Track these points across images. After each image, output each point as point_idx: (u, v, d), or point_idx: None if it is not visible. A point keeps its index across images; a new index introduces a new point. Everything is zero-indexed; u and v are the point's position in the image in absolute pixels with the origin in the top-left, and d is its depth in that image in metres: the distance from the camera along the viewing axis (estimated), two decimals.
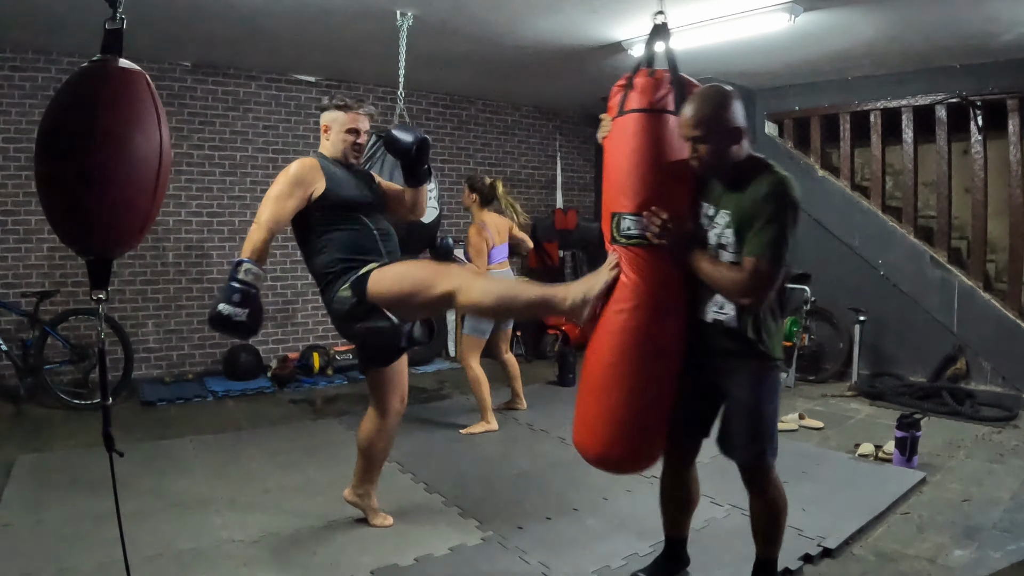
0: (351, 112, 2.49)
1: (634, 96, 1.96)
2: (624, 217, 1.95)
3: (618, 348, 1.97)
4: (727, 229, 1.91)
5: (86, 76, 1.51)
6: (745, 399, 1.99)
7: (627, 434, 2.00)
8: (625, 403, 1.98)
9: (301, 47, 4.64)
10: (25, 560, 2.37)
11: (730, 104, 1.89)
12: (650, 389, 1.98)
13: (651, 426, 2.02)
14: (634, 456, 2.07)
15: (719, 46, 4.28)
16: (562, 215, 6.99)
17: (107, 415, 1.66)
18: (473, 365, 4.03)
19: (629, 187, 1.95)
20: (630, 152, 1.95)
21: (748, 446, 2.00)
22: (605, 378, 2.00)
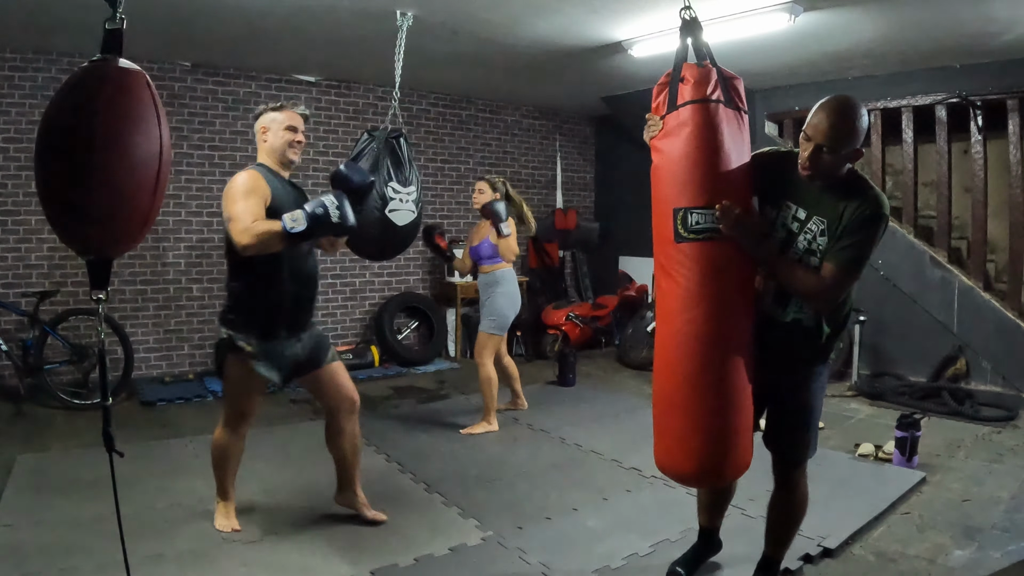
0: (286, 111, 2.52)
1: (687, 89, 1.88)
2: (692, 212, 1.85)
3: (696, 357, 1.88)
4: (821, 236, 1.90)
5: (86, 76, 1.51)
6: (802, 396, 2.03)
7: (723, 444, 1.90)
8: (716, 412, 1.89)
9: (301, 47, 4.64)
10: (25, 560, 2.37)
11: (862, 120, 1.85)
12: (734, 392, 1.90)
13: (742, 429, 1.93)
14: (733, 465, 1.95)
15: (719, 46, 4.21)
16: (562, 215, 6.99)
17: (107, 415, 1.66)
18: (487, 364, 4.02)
19: (694, 180, 1.86)
20: (694, 144, 1.86)
21: (797, 442, 2.04)
22: (687, 391, 1.90)
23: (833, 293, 1.89)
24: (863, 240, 1.84)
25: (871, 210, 1.84)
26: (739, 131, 1.92)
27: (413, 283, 6.28)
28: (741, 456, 1.94)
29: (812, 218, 1.91)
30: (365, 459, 3.54)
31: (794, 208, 1.95)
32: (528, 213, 4.22)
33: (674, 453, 1.96)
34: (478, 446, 3.80)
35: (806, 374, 2.02)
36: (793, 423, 2.03)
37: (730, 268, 1.89)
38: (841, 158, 1.85)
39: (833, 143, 1.82)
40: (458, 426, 4.08)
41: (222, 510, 2.68)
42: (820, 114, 1.86)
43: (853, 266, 1.86)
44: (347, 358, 5.50)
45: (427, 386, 5.27)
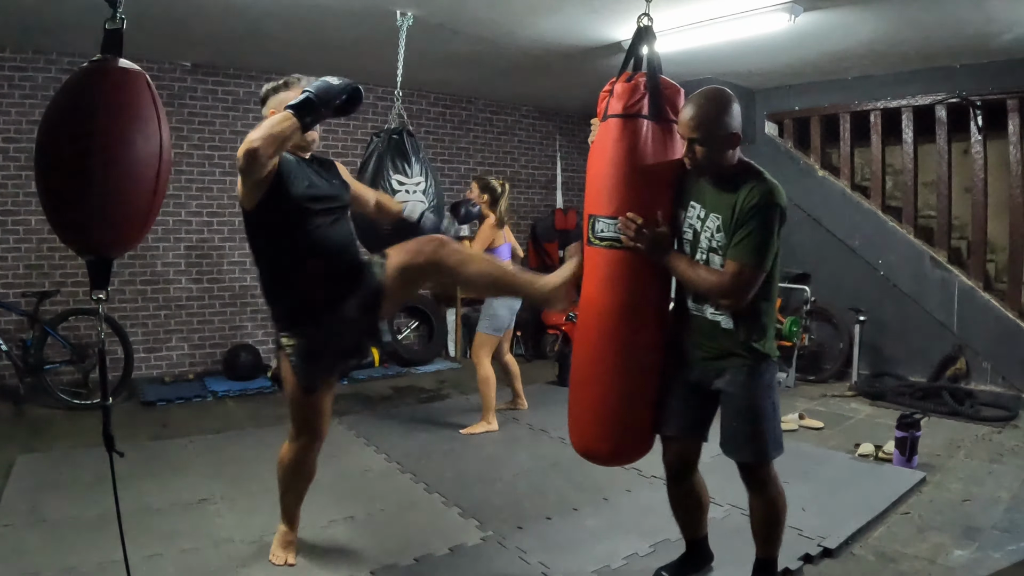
0: (289, 89, 2.28)
1: (613, 101, 2.00)
2: (599, 219, 2.01)
3: (594, 347, 2.06)
4: (718, 233, 1.94)
5: (86, 76, 1.51)
6: (741, 397, 2.00)
7: (608, 429, 2.09)
8: (603, 399, 2.07)
9: (301, 47, 4.63)
10: (25, 560, 2.37)
11: (730, 108, 1.91)
12: (626, 386, 2.05)
13: (631, 421, 2.09)
14: (617, 449, 2.15)
15: (719, 46, 4.27)
16: (562, 215, 6.99)
17: (107, 415, 1.66)
18: (485, 364, 4.03)
19: (604, 191, 2.00)
20: (606, 157, 2.01)
21: (747, 444, 2.01)
22: (585, 377, 2.10)
23: (736, 288, 1.88)
24: (755, 229, 1.86)
25: (758, 198, 1.87)
26: (663, 145, 1.99)
27: None
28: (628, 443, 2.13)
29: (710, 216, 1.96)
30: (365, 459, 3.56)
31: (697, 208, 2.00)
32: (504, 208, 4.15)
33: (571, 428, 2.20)
34: (478, 446, 3.80)
35: (742, 373, 1.99)
36: (739, 425, 2.01)
37: (633, 274, 2.00)
38: (715, 147, 1.89)
39: (700, 133, 1.87)
40: (458, 426, 4.08)
41: (283, 538, 2.44)
42: (684, 110, 1.92)
43: (750, 258, 1.86)
44: None
45: (427, 386, 5.27)
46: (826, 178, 5.50)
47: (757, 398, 1.99)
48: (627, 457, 2.21)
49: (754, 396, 1.99)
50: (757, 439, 2.00)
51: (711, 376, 2.04)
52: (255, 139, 1.85)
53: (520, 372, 4.47)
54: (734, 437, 2.03)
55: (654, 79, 1.98)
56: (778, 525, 2.11)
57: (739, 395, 2.00)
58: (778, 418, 2.06)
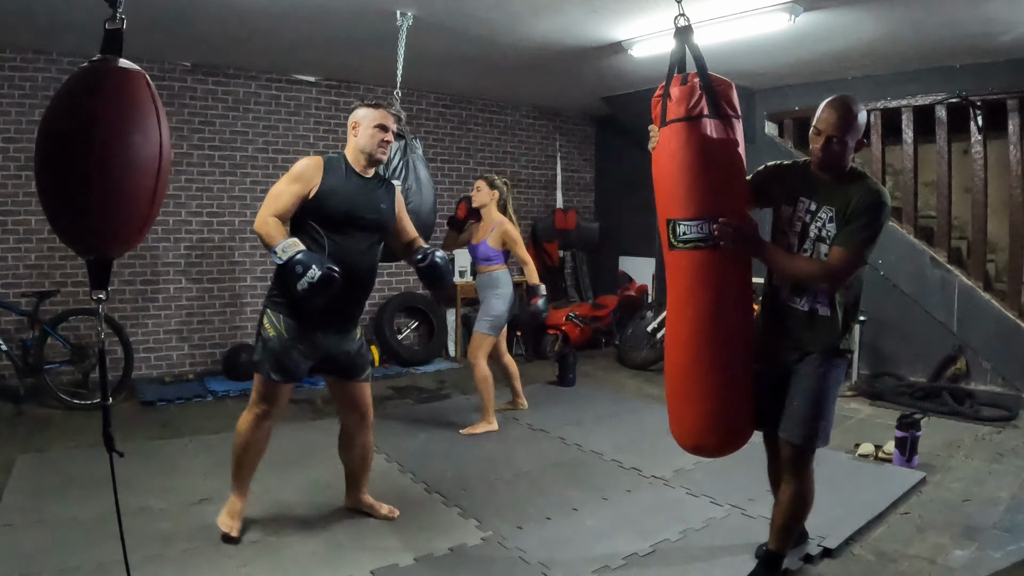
0: (381, 109, 2.53)
1: (672, 106, 2.05)
2: (679, 223, 2.06)
3: (689, 347, 2.14)
4: (830, 223, 2.07)
5: (86, 76, 1.51)
6: (811, 379, 2.11)
7: (713, 423, 2.16)
8: (705, 396, 2.14)
9: (301, 47, 4.64)
10: (25, 560, 2.37)
11: (862, 116, 2.09)
12: (724, 380, 2.12)
13: (733, 413, 2.15)
14: (724, 441, 2.20)
15: (719, 46, 4.27)
16: (562, 215, 6.99)
17: (107, 415, 1.66)
18: (482, 363, 4.03)
19: (679, 195, 2.07)
20: (677, 161, 2.05)
21: (801, 424, 2.11)
22: (683, 379, 2.18)
23: (840, 272, 2.02)
24: (868, 223, 2.01)
25: (874, 197, 2.03)
26: (729, 138, 2.07)
27: (413, 283, 6.28)
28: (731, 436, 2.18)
29: (823, 208, 2.09)
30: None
31: (807, 202, 2.12)
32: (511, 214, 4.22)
33: (675, 429, 2.25)
34: (478, 446, 3.80)
35: (821, 361, 2.11)
36: (799, 404, 2.11)
37: (718, 274, 2.08)
38: (848, 148, 2.06)
39: (841, 133, 2.04)
40: (458, 426, 4.08)
41: (230, 505, 2.63)
42: (828, 110, 2.08)
43: (859, 246, 2.01)
44: None
45: (427, 386, 5.27)
46: None
47: (825, 385, 2.11)
48: (733, 447, 2.26)
49: (824, 384, 2.11)
50: (812, 422, 2.10)
51: (791, 364, 2.16)
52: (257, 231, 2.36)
53: (520, 372, 4.47)
54: (791, 415, 2.13)
55: (706, 77, 2.04)
56: (798, 521, 2.21)
57: (809, 376, 2.11)
58: (833, 413, 2.18)
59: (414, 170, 3.51)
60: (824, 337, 2.12)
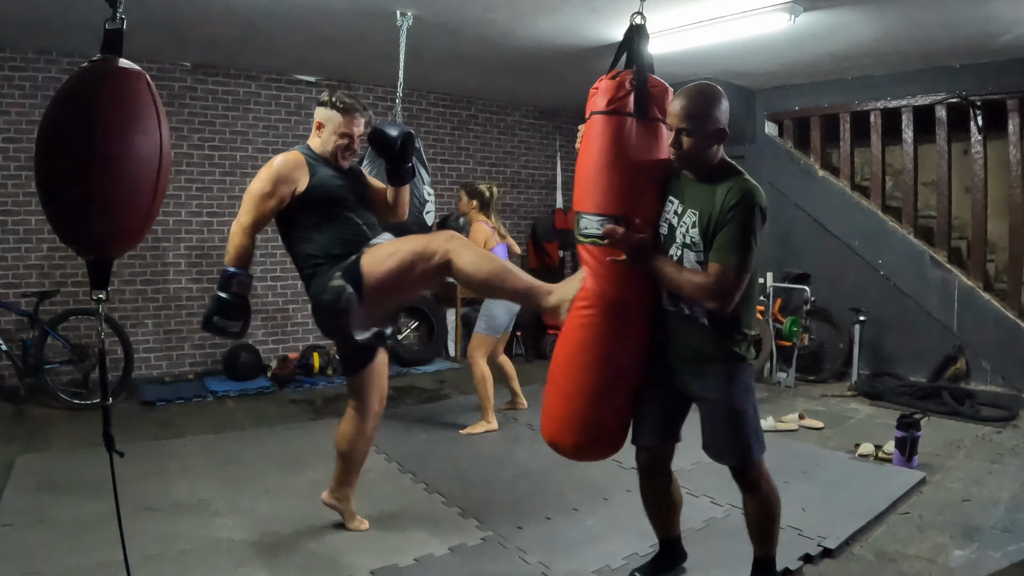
0: (348, 116, 2.42)
1: (597, 98, 2.00)
2: (582, 216, 2.01)
3: (572, 343, 2.05)
4: (693, 229, 1.93)
5: (86, 76, 1.51)
6: (721, 401, 1.99)
7: (577, 422, 2.07)
8: (577, 392, 2.05)
9: (301, 47, 4.64)
10: (26, 560, 2.37)
11: (720, 104, 1.93)
12: (601, 382, 2.02)
13: (601, 418, 2.07)
14: (582, 444, 2.12)
15: (719, 46, 4.27)
16: (562, 215, 6.98)
17: (107, 415, 1.66)
18: (480, 363, 4.03)
19: (587, 187, 2.01)
20: (588, 153, 2.00)
21: (732, 448, 2.01)
22: (560, 371, 2.10)
23: (722, 291, 1.86)
24: (736, 230, 1.85)
25: (738, 198, 1.86)
26: (648, 144, 1.98)
27: None
28: (599, 440, 2.11)
29: (687, 211, 1.95)
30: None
31: (675, 203, 1.99)
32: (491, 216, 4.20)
33: (543, 419, 2.19)
34: (478, 446, 3.80)
35: (718, 375, 1.98)
36: (721, 430, 2.00)
37: (615, 272, 1.97)
38: (702, 140, 1.90)
39: (689, 123, 1.88)
40: (458, 426, 4.08)
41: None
42: (676, 100, 1.93)
43: (733, 260, 1.85)
44: None
45: (427, 386, 5.27)
46: (826, 178, 5.50)
47: (737, 402, 1.98)
48: (592, 453, 2.19)
49: (734, 400, 1.98)
50: (741, 442, 1.99)
51: (688, 381, 2.04)
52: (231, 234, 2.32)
53: (518, 372, 4.47)
54: (717, 442, 2.03)
55: (641, 77, 1.97)
56: (773, 523, 2.11)
57: (719, 400, 1.99)
58: (758, 418, 2.06)
59: None
60: (708, 347, 1.97)
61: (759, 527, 2.12)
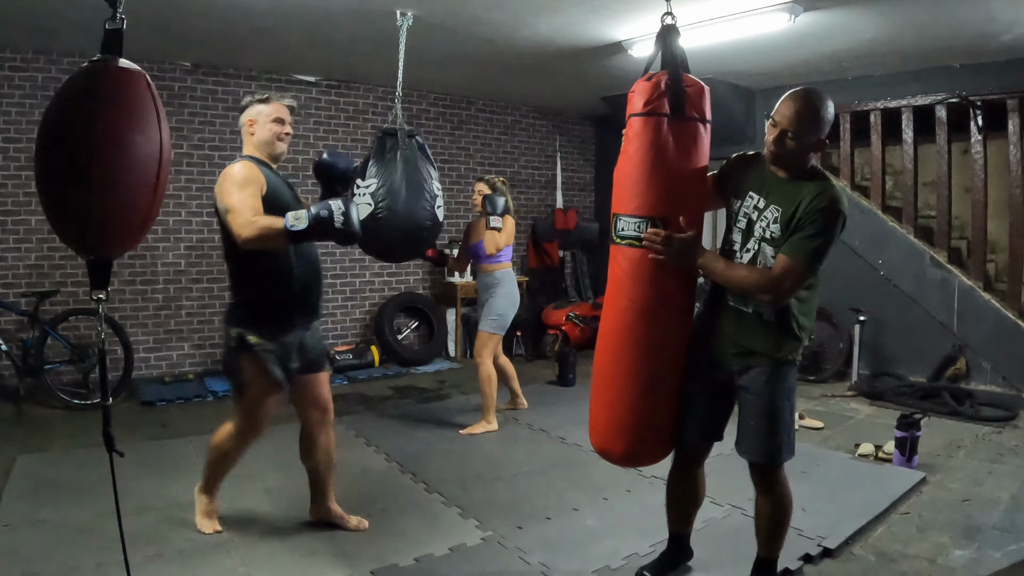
0: (273, 103, 2.48)
1: (634, 99, 2.01)
2: (620, 218, 2.02)
3: (615, 346, 2.05)
4: (774, 224, 1.93)
5: (86, 76, 1.51)
6: (763, 397, 2.00)
7: (624, 429, 2.08)
8: (620, 400, 2.06)
9: (301, 47, 4.64)
10: (25, 560, 2.37)
11: (829, 115, 1.93)
12: (645, 388, 2.03)
13: (648, 424, 2.07)
14: (631, 451, 2.13)
15: (719, 46, 4.27)
16: (562, 215, 6.99)
17: (107, 415, 1.66)
18: (487, 363, 4.02)
19: (625, 189, 2.01)
20: (626, 155, 2.02)
21: (763, 445, 2.01)
22: (602, 377, 2.11)
23: (782, 284, 1.87)
24: (816, 232, 1.86)
25: (826, 203, 1.86)
26: (687, 144, 1.98)
27: (413, 283, 6.29)
28: (643, 446, 2.11)
29: (769, 206, 1.95)
30: (365, 459, 3.55)
31: (756, 198, 1.99)
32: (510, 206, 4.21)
33: (589, 426, 2.20)
34: (478, 446, 3.80)
35: (768, 373, 1.99)
36: (757, 424, 2.01)
37: (656, 273, 1.97)
38: (804, 145, 1.91)
39: (797, 129, 1.89)
40: (458, 426, 4.08)
41: (205, 506, 2.65)
42: (787, 102, 1.93)
43: (806, 258, 1.86)
44: (347, 358, 5.50)
45: (427, 386, 5.27)
46: None
47: (778, 399, 2.00)
48: (641, 460, 2.22)
49: (775, 397, 1.99)
50: (772, 440, 2.00)
51: (734, 374, 2.04)
52: (249, 237, 2.21)
53: (519, 372, 4.47)
54: (750, 437, 2.03)
55: (676, 77, 1.97)
56: (782, 527, 2.12)
57: (761, 395, 2.00)
58: (794, 422, 2.07)
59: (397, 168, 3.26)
60: (768, 345, 1.98)
61: (768, 528, 2.13)
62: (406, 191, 3.21)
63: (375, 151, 3.27)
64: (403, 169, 3.23)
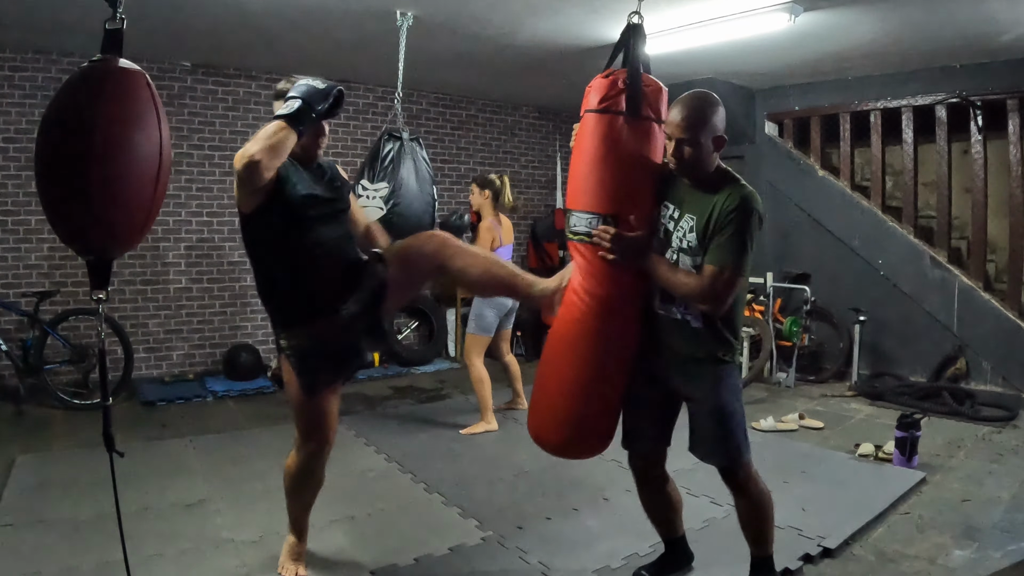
0: None
1: (591, 96, 2.01)
2: (572, 213, 2.02)
3: (559, 339, 2.07)
4: (691, 233, 1.94)
5: (86, 76, 1.51)
6: (710, 402, 2.00)
7: (562, 419, 2.09)
8: (563, 389, 2.06)
9: (301, 47, 4.64)
10: (26, 560, 2.37)
11: (718, 112, 1.95)
12: (589, 379, 2.03)
13: (587, 416, 2.07)
14: (566, 443, 2.15)
15: (719, 46, 4.27)
16: (562, 215, 6.97)
17: (107, 415, 1.66)
18: (477, 364, 4.03)
19: (578, 185, 2.02)
20: (579, 151, 2.01)
21: (719, 448, 2.02)
22: (547, 367, 2.13)
23: (716, 292, 1.88)
24: (733, 234, 1.87)
25: (737, 202, 1.88)
26: (640, 143, 1.98)
27: None
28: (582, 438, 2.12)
29: (684, 216, 1.96)
30: (365, 459, 3.56)
31: (671, 208, 2.00)
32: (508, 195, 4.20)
33: (529, 415, 2.21)
34: (478, 446, 3.80)
35: (707, 377, 2.00)
36: (710, 429, 2.01)
37: (608, 268, 1.96)
38: (702, 148, 1.92)
39: (687, 134, 1.90)
40: (458, 426, 4.08)
41: (291, 549, 2.36)
42: (672, 110, 1.95)
43: (730, 262, 1.86)
44: None
45: (427, 386, 5.27)
46: (826, 178, 5.50)
47: (726, 403, 2.00)
48: (575, 451, 2.21)
49: (723, 401, 2.00)
50: (728, 441, 2.00)
51: (678, 383, 2.05)
52: (255, 152, 1.82)
53: (520, 372, 4.47)
54: (705, 442, 2.04)
55: (635, 76, 1.96)
56: (765, 522, 2.12)
57: (708, 400, 2.01)
58: (744, 420, 2.06)
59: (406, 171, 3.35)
60: (699, 351, 1.98)
61: (752, 527, 2.13)
62: (414, 195, 3.28)
63: (381, 153, 3.29)
64: (410, 173, 3.29)
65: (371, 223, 2.55)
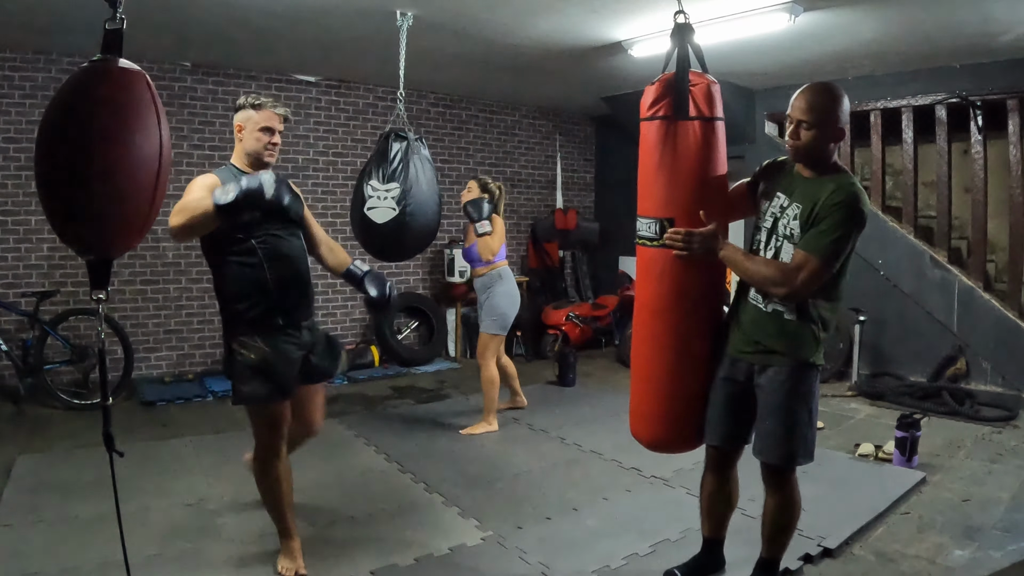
0: (265, 110, 2.35)
1: (642, 105, 2.08)
2: (638, 219, 2.11)
3: (645, 340, 2.17)
4: (794, 221, 1.95)
5: (86, 76, 1.51)
6: (778, 398, 2.00)
7: (656, 418, 2.20)
8: (639, 390, 2.20)
9: (301, 47, 4.64)
10: (25, 560, 2.37)
11: (843, 103, 1.95)
12: (674, 380, 2.13)
13: (678, 413, 2.17)
14: (663, 439, 2.25)
15: (719, 46, 4.27)
16: (562, 215, 6.99)
17: (107, 415, 1.66)
18: (490, 364, 4.01)
19: (641, 192, 2.12)
20: (640, 159, 2.11)
21: (776, 446, 2.02)
22: (637, 369, 2.23)
23: (797, 278, 1.88)
24: (832, 227, 1.86)
25: (843, 197, 1.87)
26: (692, 144, 2.01)
27: (413, 283, 6.28)
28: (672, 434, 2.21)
29: (792, 204, 1.98)
30: (365, 459, 3.56)
31: (782, 198, 2.02)
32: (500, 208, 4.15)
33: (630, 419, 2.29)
34: (478, 446, 3.80)
35: (785, 374, 1.98)
36: (771, 425, 2.01)
37: (675, 272, 2.05)
38: (821, 136, 1.92)
39: (811, 118, 1.91)
40: (458, 426, 4.08)
41: (286, 550, 2.36)
42: (800, 95, 1.96)
43: (822, 252, 1.86)
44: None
45: (427, 386, 5.27)
46: None
47: (793, 403, 1.99)
48: (669, 446, 2.32)
49: (790, 400, 1.99)
50: (787, 443, 2.00)
51: (754, 372, 2.05)
52: (175, 227, 2.16)
53: (520, 372, 4.47)
54: (764, 437, 2.04)
55: (679, 78, 2.00)
56: (789, 529, 2.13)
57: (776, 395, 1.99)
58: (814, 426, 2.05)
59: (415, 172, 3.36)
60: (787, 345, 1.97)
61: (774, 530, 2.13)
62: (425, 195, 3.28)
63: (390, 154, 3.28)
64: (419, 173, 3.29)
65: (329, 240, 2.65)
